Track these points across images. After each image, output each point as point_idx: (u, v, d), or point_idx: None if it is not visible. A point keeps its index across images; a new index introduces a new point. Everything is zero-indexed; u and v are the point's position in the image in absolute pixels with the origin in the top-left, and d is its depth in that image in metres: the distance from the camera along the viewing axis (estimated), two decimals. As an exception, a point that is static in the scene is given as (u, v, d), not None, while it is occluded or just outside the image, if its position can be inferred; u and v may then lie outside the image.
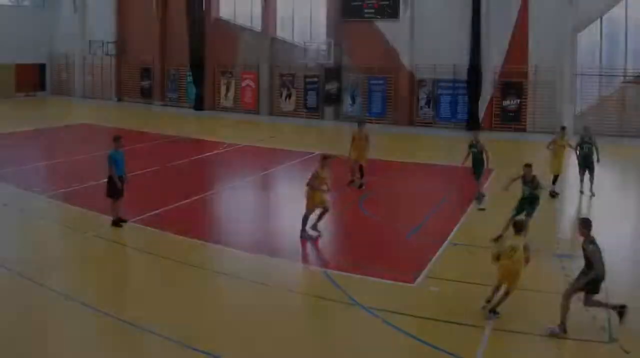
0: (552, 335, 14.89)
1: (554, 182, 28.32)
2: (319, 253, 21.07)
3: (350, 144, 29.50)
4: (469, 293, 17.17)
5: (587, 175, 28.01)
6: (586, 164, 27.83)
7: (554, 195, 28.10)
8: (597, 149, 27.61)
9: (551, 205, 26.84)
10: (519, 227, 16.08)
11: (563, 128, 29.80)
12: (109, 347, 14.30)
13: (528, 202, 21.10)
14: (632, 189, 32.21)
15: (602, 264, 14.93)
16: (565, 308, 14.90)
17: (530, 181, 21.07)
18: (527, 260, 15.61)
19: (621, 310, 15.19)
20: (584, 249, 15.24)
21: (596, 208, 26.75)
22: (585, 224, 15.60)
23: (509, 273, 15.61)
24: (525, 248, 15.58)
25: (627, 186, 32.74)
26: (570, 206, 27.68)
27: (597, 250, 15.00)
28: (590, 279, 14.86)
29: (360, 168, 29.44)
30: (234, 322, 15.46)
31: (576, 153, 28.29)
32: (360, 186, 29.30)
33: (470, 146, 27.48)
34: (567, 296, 15.05)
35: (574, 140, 29.16)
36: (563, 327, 14.81)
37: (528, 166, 21.28)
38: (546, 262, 18.85)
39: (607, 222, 22.81)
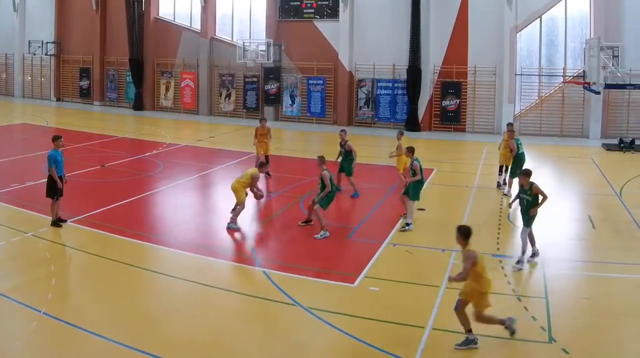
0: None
1: (500, 172, 28.97)
2: (258, 253, 19.90)
3: (254, 139, 30.94)
4: (408, 293, 16.75)
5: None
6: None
7: (500, 185, 28.77)
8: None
9: (491, 206, 26.06)
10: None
11: (510, 124, 29.74)
12: (47, 347, 13.57)
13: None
14: (567, 189, 30.64)
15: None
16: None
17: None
18: None
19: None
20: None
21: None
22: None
23: None
24: None
25: (564, 186, 31.24)
26: (512, 207, 25.49)
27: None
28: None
29: (266, 158, 30.29)
30: (174, 322, 14.78)
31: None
32: (268, 173, 29.83)
33: (340, 145, 27.74)
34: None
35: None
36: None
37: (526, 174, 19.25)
38: (486, 262, 16.80)
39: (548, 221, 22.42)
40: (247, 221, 23.28)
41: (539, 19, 46.29)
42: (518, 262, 18.55)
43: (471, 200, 26.73)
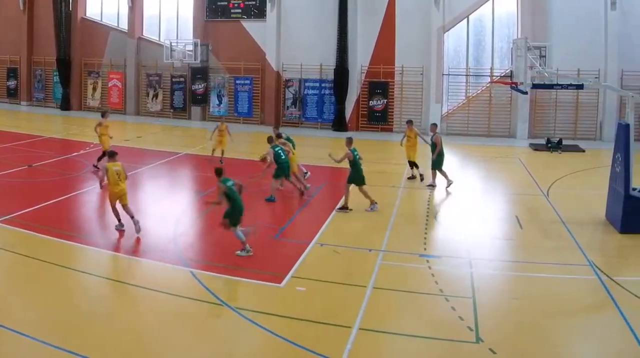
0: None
1: (411, 167, 29.78)
2: (186, 253, 18.87)
3: (98, 131, 30.96)
4: (335, 293, 16.20)
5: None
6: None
7: (413, 177, 29.63)
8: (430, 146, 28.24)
9: (418, 206, 25.72)
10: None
11: (409, 121, 30.73)
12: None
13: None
14: (495, 189, 30.16)
15: None
16: None
17: None
18: None
19: None
20: None
21: (460, 206, 25.81)
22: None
23: None
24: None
25: (491, 186, 30.77)
26: (439, 207, 25.83)
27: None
28: None
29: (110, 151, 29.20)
30: (102, 322, 14.05)
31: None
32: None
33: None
34: None
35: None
36: None
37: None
38: (413, 262, 18.23)
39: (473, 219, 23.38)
40: (174, 221, 22.26)
41: (466, 19, 44.92)
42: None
43: (398, 200, 25.84)
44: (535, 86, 35.81)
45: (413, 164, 29.60)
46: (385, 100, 46.29)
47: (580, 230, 21.47)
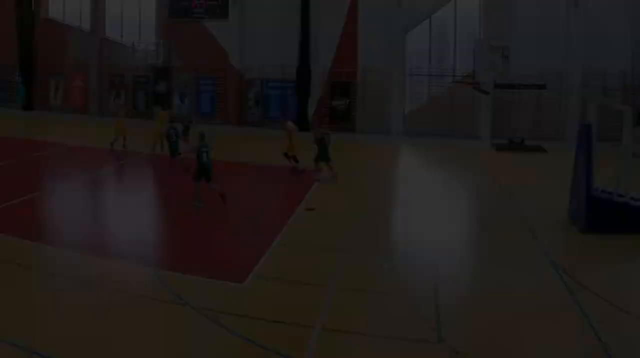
0: None
1: (296, 161, 30.13)
2: (147, 252, 18.64)
3: None
4: (297, 292, 15.87)
5: None
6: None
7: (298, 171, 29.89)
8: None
9: (382, 205, 25.32)
10: None
11: (284, 119, 33.50)
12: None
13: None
14: (457, 189, 29.96)
15: None
16: None
17: None
18: None
19: None
20: None
21: (422, 206, 25.23)
22: None
23: None
24: None
25: (453, 186, 30.38)
26: (401, 207, 25.90)
27: None
28: None
29: None
30: (63, 322, 13.63)
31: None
32: None
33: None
34: None
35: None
36: None
37: None
38: (374, 262, 17.99)
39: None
40: (136, 218, 22.38)
41: (428, 19, 44.38)
42: None
43: (361, 199, 25.70)
44: (497, 86, 35.96)
45: (290, 157, 30.17)
46: (348, 100, 45.81)
47: (542, 230, 21.26)
